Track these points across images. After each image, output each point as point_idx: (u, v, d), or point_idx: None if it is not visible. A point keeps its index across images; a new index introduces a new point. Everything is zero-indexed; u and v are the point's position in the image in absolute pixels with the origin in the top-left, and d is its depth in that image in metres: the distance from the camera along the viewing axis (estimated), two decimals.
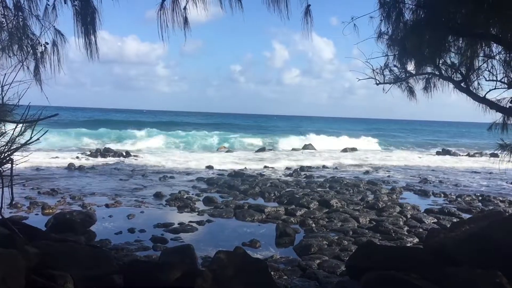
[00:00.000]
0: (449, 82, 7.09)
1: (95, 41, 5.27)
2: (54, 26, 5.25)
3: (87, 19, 5.11)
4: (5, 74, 4.36)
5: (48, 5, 5.16)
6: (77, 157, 20.94)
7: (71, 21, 5.11)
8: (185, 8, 4.98)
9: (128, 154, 22.80)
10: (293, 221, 10.03)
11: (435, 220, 10.42)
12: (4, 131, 4.51)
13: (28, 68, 5.19)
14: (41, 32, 5.19)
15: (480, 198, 13.96)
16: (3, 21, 4.91)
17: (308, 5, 4.99)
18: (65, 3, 5.06)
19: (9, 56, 4.94)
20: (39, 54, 5.27)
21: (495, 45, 6.18)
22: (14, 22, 4.99)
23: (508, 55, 6.20)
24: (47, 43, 5.25)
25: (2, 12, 4.92)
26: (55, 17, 5.21)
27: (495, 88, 6.72)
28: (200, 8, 4.96)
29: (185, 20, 5.00)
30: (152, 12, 4.87)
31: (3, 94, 4.32)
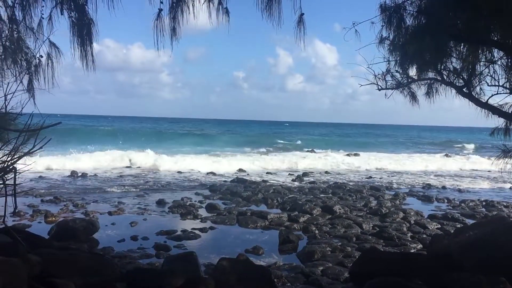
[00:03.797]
0: (451, 87, 7.08)
1: (92, 52, 5.25)
2: (49, 39, 5.24)
3: (83, 30, 5.10)
4: (8, 83, 4.39)
5: (43, 18, 5.14)
6: (80, 163, 20.95)
7: (67, 33, 5.12)
8: (174, 18, 5.01)
9: (130, 161, 22.79)
10: (296, 227, 10.01)
11: (439, 226, 10.38)
12: (7, 140, 4.52)
13: (21, 82, 5.11)
14: (35, 46, 5.16)
15: (483, 203, 13.91)
16: None
17: (302, 14, 5.01)
18: (61, 14, 5.06)
19: (3, 70, 4.91)
20: (33, 68, 5.23)
21: (496, 50, 6.18)
22: (8, 36, 4.97)
23: (509, 60, 6.20)
24: (41, 56, 5.22)
25: None
26: (51, 29, 5.19)
27: (497, 93, 6.72)
28: (192, 18, 5.00)
29: (173, 30, 5.03)
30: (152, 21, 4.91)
31: (7, 103, 4.34)
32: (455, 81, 7.07)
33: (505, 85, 6.64)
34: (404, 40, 6.00)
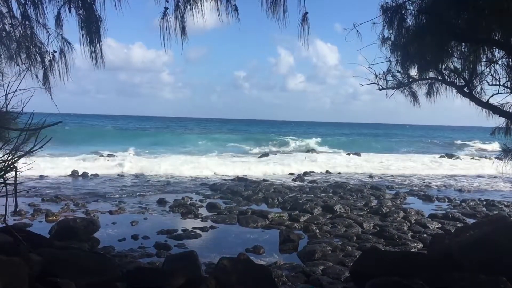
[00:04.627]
0: (452, 87, 7.08)
1: (100, 49, 5.29)
2: (61, 34, 5.29)
3: (92, 28, 5.13)
4: (9, 82, 4.38)
5: (59, 13, 5.21)
6: (81, 162, 20.97)
7: (77, 30, 5.17)
8: (182, 17, 5.01)
9: (131, 160, 22.78)
10: (297, 227, 10.01)
11: (440, 225, 10.38)
12: (8, 139, 4.52)
13: (36, 76, 5.22)
14: (48, 41, 5.22)
15: (484, 202, 13.91)
16: (10, 30, 4.94)
17: (306, 13, 5.01)
18: (69, 12, 5.10)
19: (18, 65, 4.96)
20: (47, 63, 5.30)
21: (497, 49, 6.18)
22: (21, 31, 5.02)
23: (510, 60, 6.20)
24: (55, 51, 5.29)
25: (10, 21, 4.95)
26: (62, 25, 5.25)
27: (498, 93, 6.71)
28: (198, 16, 5.00)
29: (183, 29, 5.04)
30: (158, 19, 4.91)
31: (7, 102, 4.34)
32: (456, 80, 7.07)
33: (506, 85, 6.64)
34: (405, 40, 6.00)
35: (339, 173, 21.92)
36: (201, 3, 5.01)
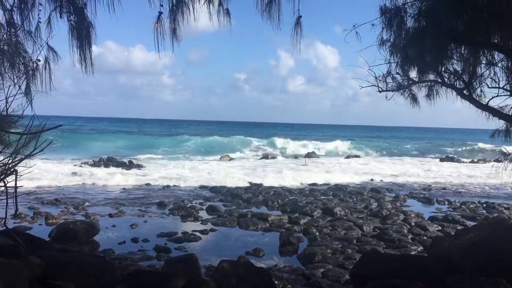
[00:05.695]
0: (452, 90, 7.08)
1: (90, 55, 5.25)
2: (47, 42, 5.20)
3: (82, 33, 5.10)
4: (10, 86, 4.39)
5: (40, 22, 5.12)
6: (81, 166, 21.00)
7: (66, 36, 5.11)
8: (174, 19, 5.04)
9: (131, 163, 22.82)
10: (297, 229, 10.01)
11: (440, 228, 10.36)
12: (8, 142, 4.52)
13: (19, 87, 4.99)
14: (33, 50, 5.11)
15: (484, 205, 13.90)
16: None
17: (299, 16, 5.02)
18: (60, 17, 5.05)
19: (5, 72, 4.87)
20: (30, 72, 5.18)
21: (497, 52, 6.18)
22: (6, 39, 4.94)
23: (510, 62, 6.20)
24: (38, 60, 5.19)
25: None
26: (49, 33, 5.17)
27: (497, 95, 6.71)
28: (189, 19, 5.03)
29: (173, 31, 5.06)
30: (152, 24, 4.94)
31: (8, 106, 4.34)
32: (455, 83, 7.07)
33: (505, 87, 6.64)
34: (404, 42, 6.00)
35: (339, 175, 21.83)
36: (193, 6, 5.03)
